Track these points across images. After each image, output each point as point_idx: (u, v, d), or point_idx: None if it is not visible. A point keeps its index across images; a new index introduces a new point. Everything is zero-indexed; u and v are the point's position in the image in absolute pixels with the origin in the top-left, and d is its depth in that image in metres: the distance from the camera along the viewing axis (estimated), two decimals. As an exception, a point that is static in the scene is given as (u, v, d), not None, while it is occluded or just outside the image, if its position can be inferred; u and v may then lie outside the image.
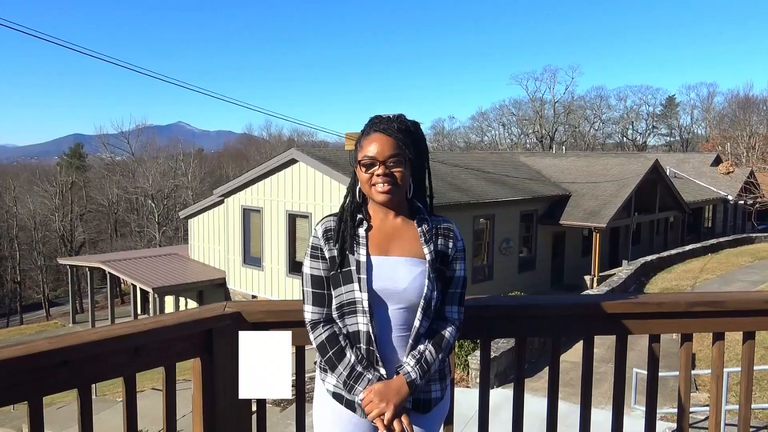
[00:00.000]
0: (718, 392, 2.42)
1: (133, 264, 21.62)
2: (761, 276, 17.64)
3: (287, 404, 10.38)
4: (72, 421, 10.02)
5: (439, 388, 1.85)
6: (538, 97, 68.57)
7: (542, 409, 2.37)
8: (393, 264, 1.77)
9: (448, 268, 1.84)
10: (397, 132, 1.78)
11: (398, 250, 1.80)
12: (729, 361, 7.60)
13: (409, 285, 1.75)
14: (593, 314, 2.32)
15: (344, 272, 1.76)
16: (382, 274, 1.76)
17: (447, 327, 1.83)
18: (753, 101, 57.94)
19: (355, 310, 1.75)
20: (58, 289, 44.43)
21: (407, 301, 1.75)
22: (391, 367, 1.76)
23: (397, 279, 1.75)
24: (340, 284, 1.77)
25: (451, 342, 1.84)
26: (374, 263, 1.76)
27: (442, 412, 1.89)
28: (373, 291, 1.74)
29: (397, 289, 1.75)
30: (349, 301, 1.75)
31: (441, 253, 1.82)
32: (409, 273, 1.76)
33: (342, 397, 1.80)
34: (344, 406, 1.80)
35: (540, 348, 11.29)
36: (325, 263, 1.81)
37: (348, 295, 1.75)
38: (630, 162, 24.32)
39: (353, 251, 1.77)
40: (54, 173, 49.99)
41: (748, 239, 27.30)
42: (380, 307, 1.75)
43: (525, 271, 21.21)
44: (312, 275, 1.82)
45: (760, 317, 2.37)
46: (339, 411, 1.81)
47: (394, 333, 1.76)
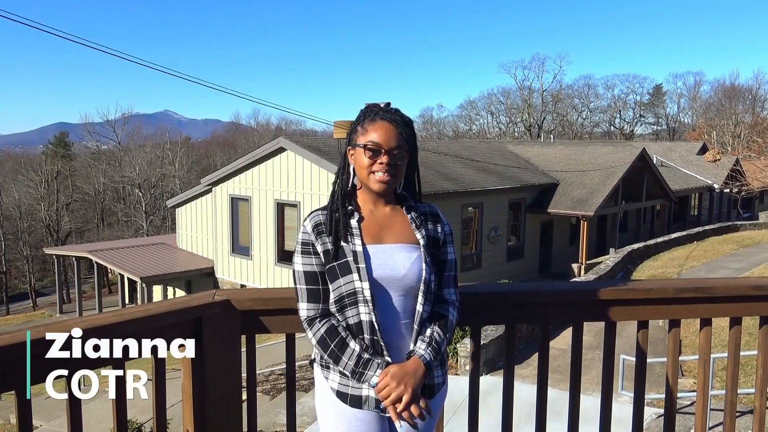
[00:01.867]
0: (705, 377, 2.44)
1: (120, 253, 21.51)
2: (746, 263, 17.84)
3: (276, 393, 10.40)
4: (60, 410, 9.98)
5: (441, 373, 1.85)
6: (527, 86, 68.77)
7: (530, 396, 2.38)
8: (389, 251, 1.77)
9: (440, 252, 1.85)
10: (403, 125, 1.79)
11: (392, 238, 1.80)
12: (715, 347, 7.68)
13: (408, 271, 1.75)
14: (582, 301, 2.34)
15: (340, 264, 1.74)
16: (381, 261, 1.75)
17: (448, 308, 1.84)
18: (739, 90, 58.44)
19: (356, 300, 1.73)
20: (45, 279, 44.11)
21: (407, 287, 1.75)
22: (396, 354, 1.74)
23: (395, 266, 1.75)
24: (338, 276, 1.74)
25: (454, 323, 1.84)
26: (371, 252, 1.76)
27: (442, 396, 1.90)
28: (374, 279, 1.73)
29: (397, 276, 1.74)
30: (349, 292, 1.73)
31: (432, 238, 1.83)
32: (406, 259, 1.76)
33: (346, 396, 1.77)
34: (349, 405, 1.77)
35: (528, 336, 11.37)
36: (318, 258, 1.78)
37: (347, 286, 1.73)
38: (617, 151, 24.45)
39: (347, 242, 1.75)
40: (39, 162, 49.44)
41: (733, 227, 27.58)
42: (381, 296, 1.74)
43: (513, 259, 21.32)
44: (305, 272, 1.80)
45: (746, 303, 2.39)
46: (343, 409, 1.79)
47: (396, 320, 1.76)
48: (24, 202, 44.88)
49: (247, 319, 2.11)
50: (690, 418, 7.54)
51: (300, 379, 9.71)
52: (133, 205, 46.52)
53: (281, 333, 2.18)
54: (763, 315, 2.39)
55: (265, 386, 10.74)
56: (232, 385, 2.11)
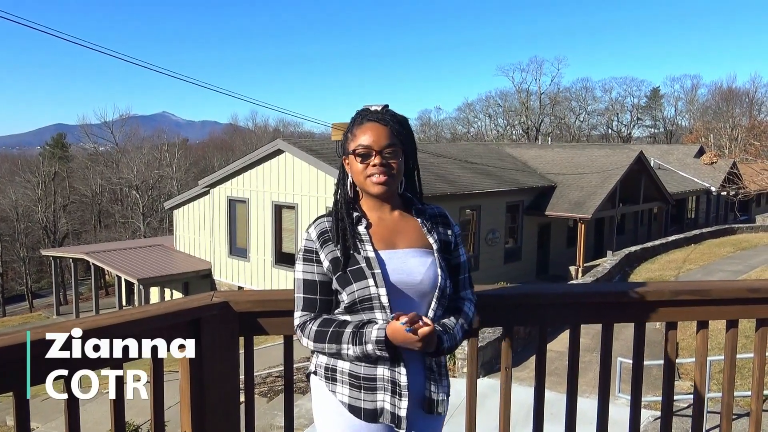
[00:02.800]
0: (702, 380, 2.44)
1: (117, 255, 21.47)
2: (743, 266, 17.86)
3: (274, 395, 10.38)
4: (57, 413, 9.96)
5: (448, 383, 1.82)
6: (525, 89, 68.86)
7: (528, 398, 2.39)
8: (403, 256, 1.72)
9: (452, 256, 1.81)
10: (392, 122, 1.72)
11: (404, 243, 1.75)
12: (711, 349, 7.71)
13: (424, 276, 1.70)
14: (580, 303, 2.35)
15: (353, 270, 1.67)
16: (396, 267, 1.69)
17: (465, 303, 1.82)
18: (736, 93, 58.52)
19: (371, 306, 1.66)
20: (42, 281, 43.98)
21: (423, 292, 1.70)
22: (413, 364, 1.69)
23: (411, 271, 1.70)
24: (351, 282, 1.67)
25: (470, 316, 1.82)
26: (384, 257, 1.70)
27: (445, 408, 1.85)
28: (391, 285, 1.67)
29: (413, 281, 1.69)
30: (363, 298, 1.66)
31: (444, 242, 1.79)
32: (421, 264, 1.71)
33: (360, 410, 1.69)
34: (363, 419, 1.69)
35: (526, 338, 11.37)
36: (320, 266, 1.72)
37: (362, 291, 1.66)
38: (615, 153, 24.48)
39: (357, 249, 1.69)
40: (36, 163, 49.32)
41: (730, 230, 27.61)
42: (398, 301, 1.67)
43: (511, 261, 21.33)
44: (304, 280, 1.74)
45: (743, 306, 2.39)
46: (354, 425, 1.71)
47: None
48: (21, 204, 44.73)
49: (246, 321, 2.11)
50: (687, 420, 7.54)
51: (297, 381, 9.70)
52: (131, 207, 46.42)
53: (279, 335, 2.17)
54: (760, 317, 2.39)
55: (262, 388, 10.72)
56: (230, 387, 2.11)
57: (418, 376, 1.72)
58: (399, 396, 1.67)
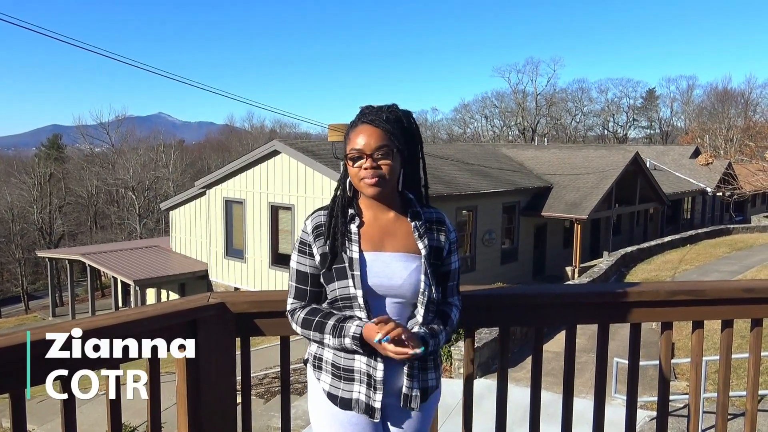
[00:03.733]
0: (697, 380, 2.45)
1: (113, 256, 21.43)
2: (738, 266, 17.92)
3: (270, 396, 10.38)
4: (53, 414, 9.93)
5: (435, 377, 1.84)
6: (521, 90, 68.97)
7: (524, 399, 2.39)
8: (387, 260, 1.74)
9: (444, 263, 1.81)
10: (385, 122, 1.72)
11: (392, 246, 1.76)
12: (707, 350, 7.73)
13: (404, 281, 1.72)
14: (576, 303, 2.35)
15: (337, 269, 1.72)
16: (377, 270, 1.72)
17: (451, 308, 1.84)
18: (731, 94, 58.78)
19: (351, 305, 1.72)
20: (37, 282, 43.80)
21: (403, 296, 1.73)
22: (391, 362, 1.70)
23: (392, 275, 1.72)
24: (334, 280, 1.73)
25: (455, 321, 1.84)
26: (368, 259, 1.73)
27: (435, 400, 1.89)
28: (368, 287, 1.71)
29: (392, 285, 1.72)
30: (344, 296, 1.72)
31: (435, 249, 1.79)
32: (404, 269, 1.73)
33: (336, 397, 1.76)
34: (339, 407, 1.76)
35: (522, 338, 11.38)
36: (312, 260, 1.77)
37: (342, 290, 1.71)
38: (611, 154, 24.53)
39: (344, 248, 1.73)
40: (32, 164, 49.18)
41: (726, 230, 27.69)
42: (376, 302, 1.72)
43: (507, 262, 21.35)
44: (297, 270, 1.80)
45: (738, 306, 2.40)
46: (335, 412, 1.77)
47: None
48: (16, 205, 44.59)
49: (242, 322, 2.12)
50: (683, 420, 7.57)
51: (294, 382, 9.69)
52: (127, 208, 46.30)
53: (276, 336, 2.18)
54: (755, 317, 2.41)
55: (258, 389, 10.71)
56: (226, 388, 2.11)
57: (395, 370, 1.75)
58: (374, 389, 1.72)
